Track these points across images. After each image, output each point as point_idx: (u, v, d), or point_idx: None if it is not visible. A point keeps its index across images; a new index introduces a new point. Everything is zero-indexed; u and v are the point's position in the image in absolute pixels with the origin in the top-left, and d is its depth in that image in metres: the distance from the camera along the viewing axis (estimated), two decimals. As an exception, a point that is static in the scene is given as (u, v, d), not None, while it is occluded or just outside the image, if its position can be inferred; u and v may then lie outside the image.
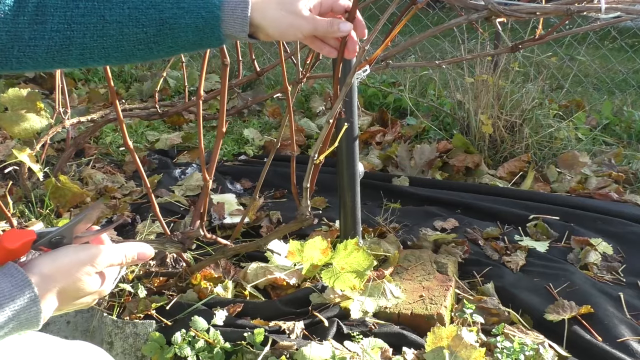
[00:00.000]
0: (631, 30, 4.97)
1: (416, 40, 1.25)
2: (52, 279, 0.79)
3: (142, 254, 0.89)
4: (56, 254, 0.82)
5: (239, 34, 0.94)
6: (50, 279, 0.79)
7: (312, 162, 1.30)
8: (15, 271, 0.77)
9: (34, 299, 0.77)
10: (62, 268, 0.81)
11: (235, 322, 1.59)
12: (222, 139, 1.47)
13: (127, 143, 1.45)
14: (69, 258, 0.82)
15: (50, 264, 0.80)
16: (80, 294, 0.84)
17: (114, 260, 0.86)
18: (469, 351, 1.42)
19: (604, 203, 2.38)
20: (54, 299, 0.80)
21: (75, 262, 0.82)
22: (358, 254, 1.63)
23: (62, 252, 0.82)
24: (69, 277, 0.81)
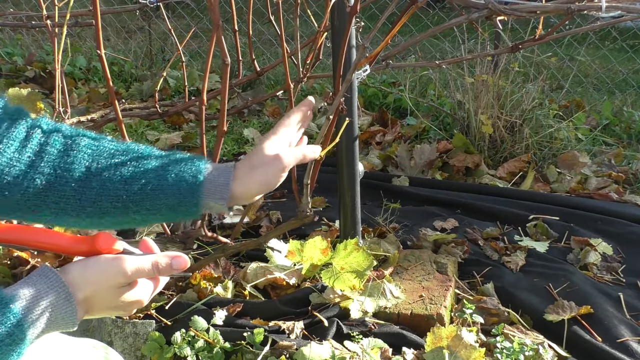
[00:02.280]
0: (631, 31, 4.97)
1: (416, 40, 1.25)
2: (79, 287, 0.80)
3: (177, 263, 0.87)
4: (87, 262, 0.83)
5: (217, 202, 0.93)
6: (78, 286, 0.80)
7: (312, 159, 1.29)
8: (50, 272, 0.79)
9: (69, 298, 0.79)
10: (91, 277, 0.82)
11: (235, 322, 1.59)
12: (222, 139, 1.47)
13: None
14: (98, 267, 0.83)
15: (81, 271, 0.82)
16: (113, 303, 0.84)
17: (144, 269, 0.85)
18: (468, 351, 1.42)
19: (604, 203, 2.38)
20: (83, 305, 0.81)
21: (104, 271, 0.82)
22: (358, 254, 1.62)
23: (92, 261, 0.83)
24: (97, 285, 0.82)
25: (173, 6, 5.32)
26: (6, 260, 1.83)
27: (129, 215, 0.93)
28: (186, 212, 0.94)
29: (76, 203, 0.91)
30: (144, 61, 4.68)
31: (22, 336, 0.75)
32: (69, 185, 0.90)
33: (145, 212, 0.93)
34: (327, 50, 1.77)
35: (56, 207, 0.91)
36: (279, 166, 0.96)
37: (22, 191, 0.88)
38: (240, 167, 0.96)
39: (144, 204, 0.92)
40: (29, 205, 0.90)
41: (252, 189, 0.95)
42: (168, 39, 4.93)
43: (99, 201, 0.91)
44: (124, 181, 0.91)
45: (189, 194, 0.92)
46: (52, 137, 0.91)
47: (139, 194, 0.91)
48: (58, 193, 0.90)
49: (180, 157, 0.95)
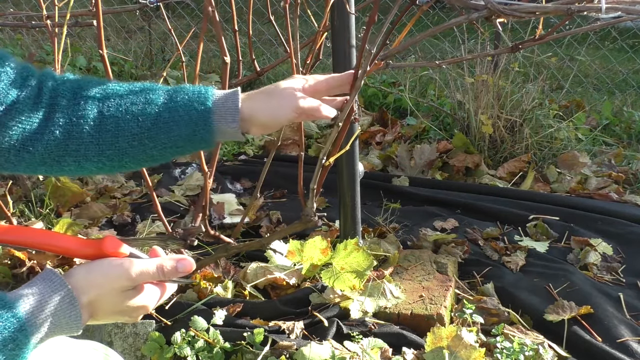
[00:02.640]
0: (631, 31, 4.97)
1: (416, 40, 1.25)
2: (83, 291, 0.80)
3: (182, 265, 0.86)
4: (91, 266, 0.83)
5: (230, 126, 0.96)
6: (82, 290, 0.80)
7: (320, 165, 1.29)
8: (54, 276, 0.79)
9: (73, 302, 0.78)
10: (94, 281, 0.81)
11: (235, 322, 1.59)
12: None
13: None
14: (102, 270, 0.82)
15: (85, 274, 0.81)
16: (118, 307, 0.83)
17: (149, 272, 0.84)
18: (468, 351, 1.42)
19: (604, 203, 2.38)
20: (87, 309, 0.81)
21: (108, 274, 0.82)
22: (358, 254, 1.62)
23: (96, 264, 0.83)
24: (101, 289, 0.81)
25: (173, 6, 5.32)
26: (6, 260, 1.83)
27: (147, 152, 0.95)
28: (202, 141, 0.97)
29: (95, 148, 0.93)
30: (144, 61, 4.68)
31: (25, 341, 0.74)
32: (85, 132, 0.92)
33: (161, 146, 0.95)
34: (327, 50, 1.77)
35: (77, 154, 0.93)
36: (293, 103, 0.99)
37: (44, 145, 0.91)
38: (256, 93, 1.00)
39: (159, 139, 0.95)
40: (52, 157, 0.92)
41: (260, 115, 0.98)
42: (168, 39, 4.93)
43: (116, 142, 0.93)
44: (136, 119, 0.93)
45: (201, 121, 0.95)
46: (60, 88, 0.93)
47: (153, 129, 0.94)
48: (77, 141, 0.92)
49: (186, 89, 0.97)
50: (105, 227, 2.22)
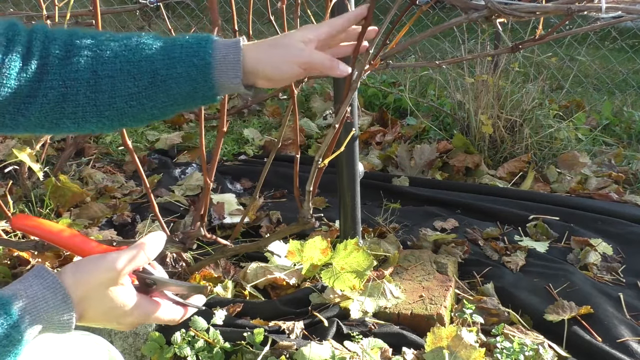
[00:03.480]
0: (631, 31, 4.97)
1: (416, 40, 1.25)
2: (72, 289, 0.78)
3: (154, 242, 0.85)
4: (80, 262, 0.81)
5: (232, 81, 0.90)
6: (72, 287, 0.78)
7: (315, 166, 1.29)
8: (46, 273, 0.77)
9: (65, 300, 0.76)
10: (82, 277, 0.79)
11: (234, 322, 1.59)
12: (222, 139, 1.47)
13: (127, 143, 1.45)
14: (89, 265, 0.80)
15: (74, 272, 0.79)
16: (106, 305, 0.80)
17: (135, 258, 0.81)
18: (468, 351, 1.42)
19: (604, 203, 2.38)
20: (78, 307, 0.79)
21: (94, 267, 0.80)
22: (358, 254, 1.62)
23: (85, 261, 0.81)
24: (88, 284, 0.79)
25: (173, 6, 5.31)
26: (6, 260, 1.83)
27: (147, 112, 0.91)
28: (204, 97, 0.92)
29: (93, 109, 0.89)
30: (144, 61, 4.67)
31: (19, 337, 0.73)
32: (81, 94, 0.88)
33: (161, 104, 0.91)
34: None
35: (75, 116, 0.90)
36: (300, 55, 0.90)
37: (38, 108, 0.87)
38: (262, 42, 0.92)
39: (158, 98, 0.90)
40: (50, 120, 0.89)
41: (264, 68, 0.90)
42: (168, 39, 4.92)
43: (113, 103, 0.89)
44: (132, 78, 0.88)
45: (201, 78, 0.89)
46: (51, 47, 0.87)
47: (150, 88, 0.89)
48: (73, 103, 0.88)
49: (184, 41, 0.90)
50: (105, 227, 2.22)
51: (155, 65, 0.88)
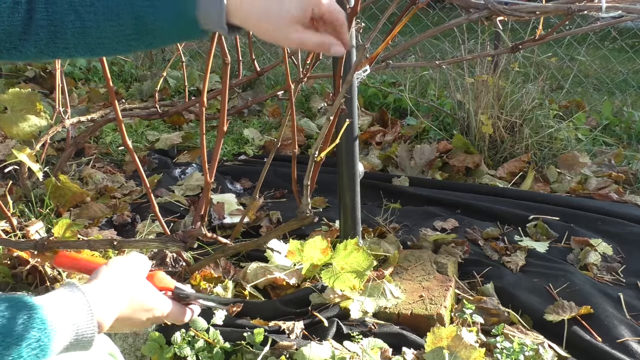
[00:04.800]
0: (631, 31, 4.97)
1: (416, 41, 1.25)
2: (102, 312, 0.84)
3: None
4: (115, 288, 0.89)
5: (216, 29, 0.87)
6: (101, 310, 0.83)
7: (312, 160, 1.30)
8: (75, 288, 0.82)
9: (92, 315, 0.80)
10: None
11: (234, 322, 1.59)
12: (223, 138, 1.47)
13: (127, 143, 1.46)
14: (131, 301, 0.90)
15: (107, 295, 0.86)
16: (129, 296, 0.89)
17: None
18: (468, 351, 1.42)
19: (604, 203, 2.38)
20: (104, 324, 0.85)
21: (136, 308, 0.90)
22: (358, 254, 1.62)
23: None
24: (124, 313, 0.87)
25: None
26: (6, 260, 1.83)
27: (136, 48, 0.92)
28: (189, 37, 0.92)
29: (84, 47, 0.91)
30: (144, 61, 4.68)
31: (48, 344, 0.74)
32: (69, 34, 0.89)
33: (148, 43, 0.92)
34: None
35: (68, 51, 0.92)
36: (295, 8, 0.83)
37: (33, 44, 0.89)
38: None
39: (144, 40, 0.90)
40: (46, 53, 0.91)
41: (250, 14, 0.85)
42: (168, 39, 4.92)
43: (103, 43, 0.90)
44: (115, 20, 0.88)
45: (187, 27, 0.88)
46: None
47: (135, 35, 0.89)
48: (64, 42, 0.90)
49: None
50: (105, 227, 2.22)
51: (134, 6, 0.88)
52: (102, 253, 1.88)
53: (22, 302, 0.75)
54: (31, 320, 0.73)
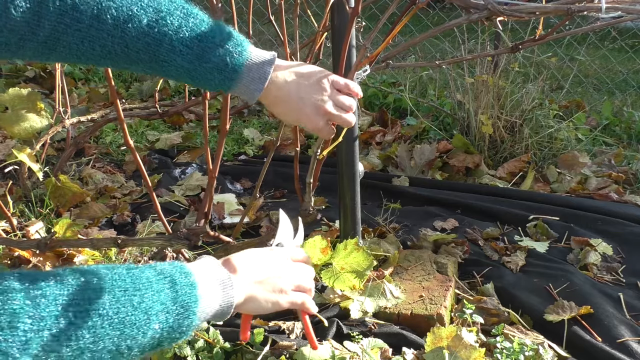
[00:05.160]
0: (631, 31, 4.97)
1: (416, 41, 1.25)
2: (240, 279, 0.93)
3: None
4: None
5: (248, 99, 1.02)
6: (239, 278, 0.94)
7: (315, 158, 1.30)
8: (214, 261, 0.92)
9: (229, 284, 0.90)
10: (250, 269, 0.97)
11: (234, 322, 1.58)
12: (225, 137, 1.48)
13: (128, 142, 1.45)
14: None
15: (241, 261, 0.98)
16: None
17: None
18: (468, 351, 1.42)
19: (604, 203, 2.38)
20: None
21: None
22: (358, 254, 1.62)
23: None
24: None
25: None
26: (7, 260, 1.83)
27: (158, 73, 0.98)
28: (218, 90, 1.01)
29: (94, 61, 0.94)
30: (144, 61, 4.67)
31: (195, 309, 0.82)
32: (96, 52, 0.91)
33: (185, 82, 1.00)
34: (327, 50, 1.77)
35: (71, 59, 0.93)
36: (316, 124, 1.06)
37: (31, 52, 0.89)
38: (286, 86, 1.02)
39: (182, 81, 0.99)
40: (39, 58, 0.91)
41: (281, 116, 1.06)
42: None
43: (117, 65, 0.95)
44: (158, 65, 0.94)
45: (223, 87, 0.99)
46: None
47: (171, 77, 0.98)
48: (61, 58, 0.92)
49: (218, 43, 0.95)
50: (105, 227, 2.23)
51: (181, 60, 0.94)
52: (103, 253, 1.88)
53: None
54: (185, 285, 0.82)
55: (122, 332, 0.72)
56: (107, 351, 0.72)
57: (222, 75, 0.96)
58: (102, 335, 0.71)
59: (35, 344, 0.65)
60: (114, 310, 0.72)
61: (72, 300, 0.69)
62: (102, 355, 0.71)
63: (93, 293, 0.71)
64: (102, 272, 0.75)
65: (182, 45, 0.92)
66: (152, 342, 0.77)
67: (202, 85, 0.98)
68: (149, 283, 0.78)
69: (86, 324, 0.69)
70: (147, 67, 0.94)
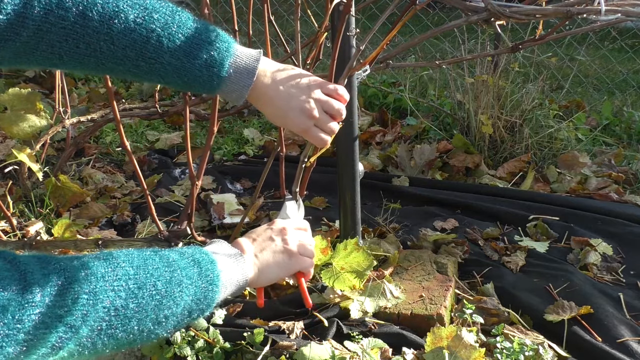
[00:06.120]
0: (631, 31, 4.97)
1: (416, 42, 1.25)
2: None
3: None
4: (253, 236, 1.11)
5: (233, 101, 1.04)
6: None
7: (301, 166, 1.29)
8: (224, 242, 1.01)
9: (242, 259, 1.00)
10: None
11: (234, 321, 1.59)
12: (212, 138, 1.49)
13: (125, 145, 1.46)
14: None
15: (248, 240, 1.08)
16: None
17: None
18: (468, 351, 1.42)
19: (604, 203, 2.38)
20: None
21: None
22: (358, 254, 1.63)
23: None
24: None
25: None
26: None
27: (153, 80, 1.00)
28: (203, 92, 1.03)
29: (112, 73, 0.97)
30: (144, 61, 4.67)
31: (217, 282, 0.92)
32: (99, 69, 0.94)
33: (171, 84, 1.00)
34: (327, 50, 1.77)
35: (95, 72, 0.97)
36: (303, 125, 1.06)
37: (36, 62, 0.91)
38: (272, 94, 1.03)
39: (169, 81, 0.98)
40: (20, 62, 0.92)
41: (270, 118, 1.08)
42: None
43: (105, 68, 0.95)
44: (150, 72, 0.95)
45: (208, 89, 0.99)
46: None
47: (156, 79, 0.97)
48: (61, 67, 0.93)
49: (204, 42, 0.96)
50: (105, 227, 2.23)
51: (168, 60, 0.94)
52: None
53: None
54: (208, 262, 0.92)
55: (160, 302, 0.82)
56: (149, 320, 0.81)
57: (210, 71, 0.95)
58: (144, 305, 0.80)
59: (92, 316, 0.75)
60: (151, 283, 0.82)
61: (116, 276, 0.79)
62: (146, 323, 0.81)
63: (131, 269, 0.81)
64: (134, 253, 0.85)
65: (169, 41, 0.92)
66: (184, 312, 0.87)
67: (190, 84, 0.97)
68: (175, 262, 0.87)
69: (129, 296, 0.79)
70: (134, 65, 0.92)
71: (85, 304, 0.74)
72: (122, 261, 0.82)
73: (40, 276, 0.71)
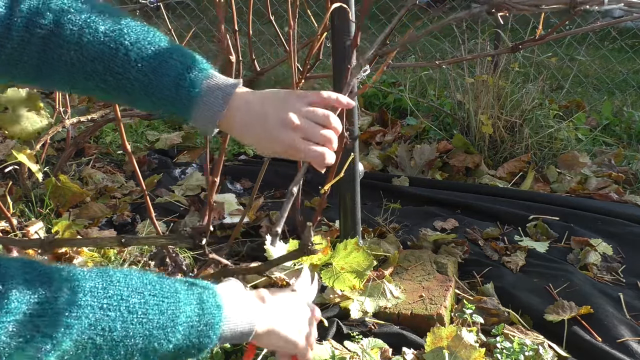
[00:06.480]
0: (631, 31, 4.97)
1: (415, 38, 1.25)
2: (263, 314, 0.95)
3: None
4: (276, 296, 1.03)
5: (205, 126, 0.93)
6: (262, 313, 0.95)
7: (290, 196, 1.17)
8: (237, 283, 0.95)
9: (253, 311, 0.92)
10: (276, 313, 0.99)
11: (234, 321, 1.58)
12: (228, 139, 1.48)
13: (126, 146, 1.46)
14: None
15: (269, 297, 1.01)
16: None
17: None
18: (468, 351, 1.42)
19: (604, 203, 2.38)
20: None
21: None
22: (358, 254, 1.62)
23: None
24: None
25: (173, 6, 5.31)
26: (6, 260, 1.83)
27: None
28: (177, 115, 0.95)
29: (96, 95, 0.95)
30: (144, 61, 4.67)
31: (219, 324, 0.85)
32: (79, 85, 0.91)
33: (138, 102, 0.94)
34: (327, 50, 1.77)
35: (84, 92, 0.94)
36: (285, 144, 0.93)
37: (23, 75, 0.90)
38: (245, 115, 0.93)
39: (137, 99, 0.92)
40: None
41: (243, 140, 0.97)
42: (168, 39, 4.91)
43: (77, 86, 0.92)
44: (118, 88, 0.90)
45: (179, 110, 0.92)
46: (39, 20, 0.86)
47: (124, 96, 0.92)
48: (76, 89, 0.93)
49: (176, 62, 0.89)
50: (105, 227, 2.22)
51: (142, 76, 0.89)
52: (102, 254, 1.88)
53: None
54: (210, 296, 0.86)
55: (151, 333, 0.77)
56: (138, 350, 0.77)
57: (179, 91, 0.88)
58: (132, 332, 0.76)
59: (75, 330, 0.70)
60: (142, 310, 0.77)
61: (106, 294, 0.75)
62: (134, 353, 0.77)
63: (125, 291, 0.77)
64: (134, 274, 0.80)
65: (138, 56, 0.87)
66: (174, 351, 0.81)
67: (158, 104, 0.91)
68: (177, 294, 0.82)
69: (117, 317, 0.74)
70: (102, 80, 0.89)
71: (68, 315, 0.70)
72: (117, 280, 0.77)
73: (21, 281, 0.67)
